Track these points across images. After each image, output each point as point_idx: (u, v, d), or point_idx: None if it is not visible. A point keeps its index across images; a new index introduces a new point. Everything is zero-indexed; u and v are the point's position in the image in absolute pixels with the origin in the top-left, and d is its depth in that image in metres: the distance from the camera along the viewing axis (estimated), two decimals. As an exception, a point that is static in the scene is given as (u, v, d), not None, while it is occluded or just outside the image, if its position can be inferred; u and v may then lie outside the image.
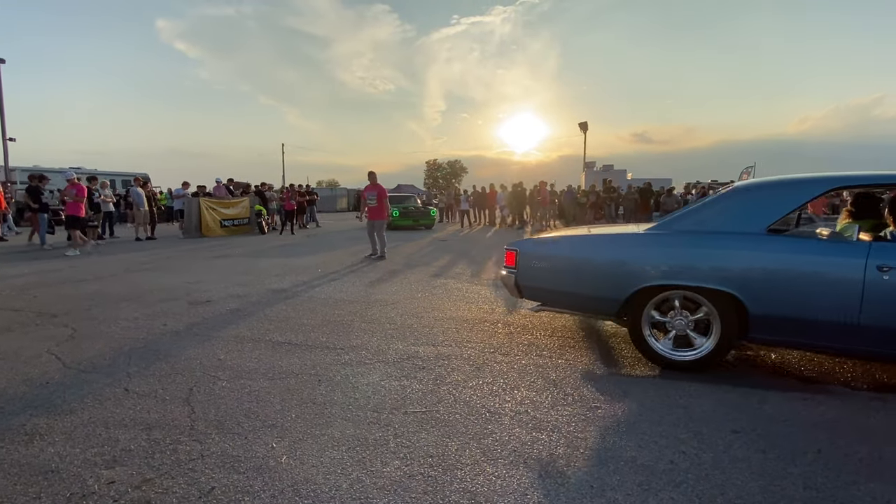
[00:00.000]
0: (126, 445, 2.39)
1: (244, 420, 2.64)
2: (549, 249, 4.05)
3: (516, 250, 4.03)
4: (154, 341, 4.05)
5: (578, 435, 2.50)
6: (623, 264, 3.56)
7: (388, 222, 9.72)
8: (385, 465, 2.21)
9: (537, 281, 3.95)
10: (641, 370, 3.44)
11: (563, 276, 3.84)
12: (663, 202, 17.07)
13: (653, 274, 3.40)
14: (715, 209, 3.55)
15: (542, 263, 3.93)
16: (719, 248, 3.30)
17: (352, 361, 3.57)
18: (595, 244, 3.92)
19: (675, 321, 3.43)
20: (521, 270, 3.98)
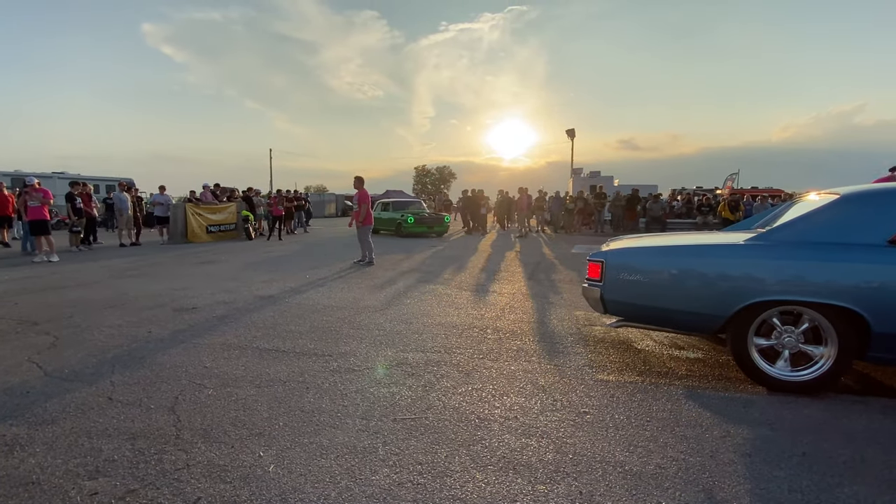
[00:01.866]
0: (110, 455, 2.34)
1: (231, 429, 2.61)
2: (643, 261, 3.65)
3: (602, 261, 3.71)
4: (138, 349, 3.99)
5: (567, 440, 2.51)
6: (729, 278, 3.25)
7: (371, 227, 9.56)
8: (374, 473, 2.19)
9: (627, 295, 3.60)
10: (628, 376, 3.46)
11: (659, 290, 3.49)
12: (650, 208, 17.26)
13: (763, 289, 3.13)
14: (822, 218, 3.23)
15: (633, 276, 3.57)
16: (840, 262, 3.02)
17: (340, 368, 3.55)
18: (696, 255, 3.52)
19: (784, 338, 3.19)
20: (607, 283, 3.65)
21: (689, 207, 19.10)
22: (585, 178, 26.45)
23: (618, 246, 4.00)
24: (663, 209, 17.57)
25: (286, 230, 18.76)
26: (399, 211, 17.33)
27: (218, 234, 14.83)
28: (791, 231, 3.28)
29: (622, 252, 3.80)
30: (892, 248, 2.97)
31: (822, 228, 3.18)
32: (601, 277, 3.70)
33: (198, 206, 14.66)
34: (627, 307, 3.66)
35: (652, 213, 16.97)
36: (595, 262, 3.77)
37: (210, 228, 14.64)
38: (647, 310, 3.56)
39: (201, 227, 14.36)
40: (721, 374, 3.50)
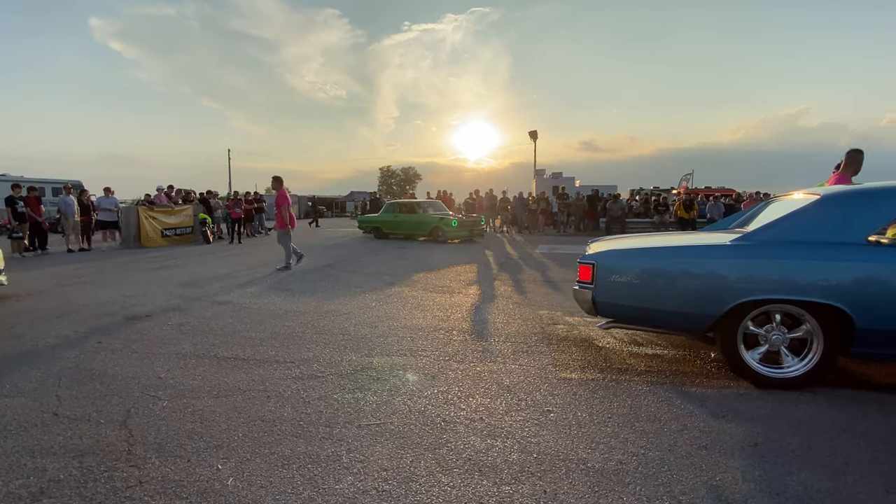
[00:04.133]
0: (55, 475, 2.21)
1: (187, 442, 2.51)
2: (633, 262, 3.66)
3: (593, 263, 3.68)
4: (87, 360, 3.79)
5: (532, 440, 2.54)
6: (719, 278, 3.32)
7: (288, 231, 9.00)
8: (338, 481, 2.15)
9: (618, 297, 3.61)
10: (590, 373, 3.53)
11: (651, 291, 3.52)
12: (609, 208, 17.73)
13: (752, 288, 3.20)
14: (804, 219, 3.33)
15: (624, 278, 3.58)
16: (823, 260, 3.11)
17: (303, 375, 3.47)
18: (686, 256, 3.57)
19: (772, 336, 3.28)
20: (599, 286, 3.64)
21: (647, 207, 19.70)
22: (548, 178, 26.91)
23: (606, 247, 3.97)
24: (622, 209, 18.06)
25: (246, 233, 18.28)
26: (433, 213, 15.48)
27: (174, 238, 14.30)
28: (775, 231, 3.38)
29: (613, 254, 3.79)
30: (871, 246, 3.10)
31: (805, 228, 3.29)
32: (592, 280, 3.68)
33: (152, 210, 14.10)
34: (619, 309, 3.68)
35: (611, 212, 17.43)
36: (586, 265, 3.73)
37: (165, 232, 14.09)
38: (639, 311, 3.60)
39: (156, 230, 13.81)
40: (678, 369, 3.62)
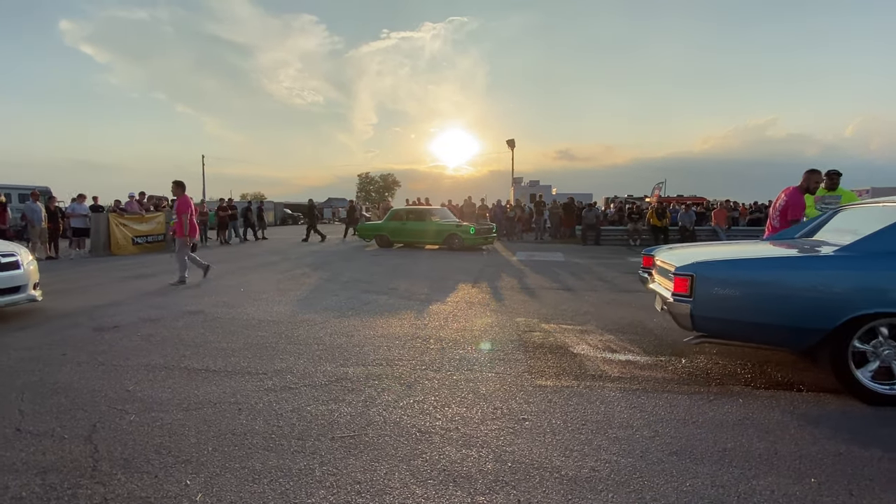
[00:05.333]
0: (17, 493, 2.13)
1: (154, 457, 2.45)
2: (738, 273, 3.43)
3: (692, 275, 3.41)
4: (52, 373, 3.66)
5: (506, 449, 2.55)
6: (834, 291, 3.17)
7: (187, 241, 8.21)
8: (310, 495, 2.12)
9: (720, 311, 3.37)
10: (565, 380, 3.57)
11: (756, 304, 3.32)
12: (584, 216, 17.97)
13: (868, 301, 3.07)
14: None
15: (727, 290, 3.35)
16: None
17: (275, 387, 3.42)
18: (796, 267, 3.40)
19: (883, 351, 3.13)
20: (698, 299, 3.38)
21: (621, 215, 20.07)
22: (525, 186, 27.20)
23: (696, 257, 3.69)
24: (597, 217, 18.34)
25: (220, 240, 17.97)
26: (448, 221, 15.13)
27: (145, 246, 13.96)
28: (880, 242, 3.26)
29: (714, 265, 3.54)
30: None
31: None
32: (690, 292, 3.41)
33: (122, 217, 13.76)
34: (719, 323, 3.45)
35: (587, 220, 17.68)
36: (683, 276, 3.45)
37: (136, 240, 13.76)
38: (741, 326, 3.40)
39: (126, 238, 13.47)
40: (650, 375, 3.68)
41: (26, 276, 5.63)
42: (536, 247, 16.27)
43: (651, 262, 4.58)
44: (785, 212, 5.29)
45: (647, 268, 4.65)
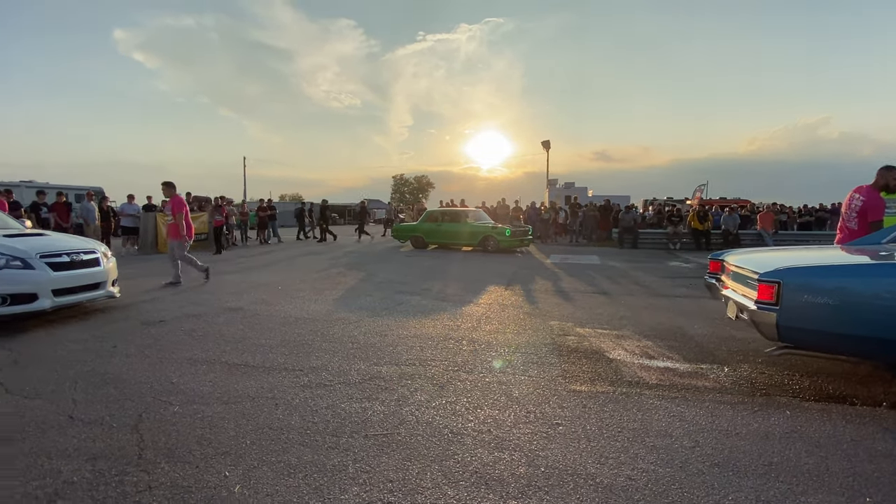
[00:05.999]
0: (69, 477, 2.24)
1: (196, 447, 2.53)
2: (831, 281, 3.17)
3: (779, 282, 3.21)
4: (103, 364, 3.85)
5: (540, 453, 2.51)
6: None
7: (183, 243, 8.10)
8: (343, 491, 2.15)
9: (810, 321, 3.15)
10: (600, 386, 3.49)
11: (852, 314, 3.09)
12: (622, 218, 17.59)
13: None
14: None
15: (819, 298, 3.11)
16: None
17: (311, 383, 3.48)
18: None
19: None
20: (785, 307, 3.18)
21: (660, 218, 19.53)
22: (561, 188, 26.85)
23: (781, 263, 3.48)
24: (635, 219, 17.92)
25: (259, 239, 18.50)
26: (483, 223, 14.94)
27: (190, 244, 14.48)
28: None
29: (803, 272, 3.31)
30: None
31: None
32: (777, 300, 3.21)
33: (168, 216, 14.31)
34: (807, 334, 3.24)
35: (624, 223, 17.29)
36: (768, 283, 3.26)
37: (181, 238, 14.28)
38: (832, 337, 3.18)
39: (172, 237, 14.00)
40: (690, 383, 3.56)
41: (106, 273, 5.84)
42: (571, 249, 16.03)
43: (719, 266, 4.36)
44: (864, 213, 4.87)
45: (714, 273, 4.43)
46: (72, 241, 6.05)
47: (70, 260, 5.43)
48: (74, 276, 5.41)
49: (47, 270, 5.14)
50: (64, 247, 5.55)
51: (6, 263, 4.88)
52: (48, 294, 5.09)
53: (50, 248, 5.39)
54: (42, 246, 5.35)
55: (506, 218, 19.05)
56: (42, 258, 5.17)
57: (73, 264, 5.45)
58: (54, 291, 5.15)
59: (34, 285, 5.01)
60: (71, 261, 5.43)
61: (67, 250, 5.49)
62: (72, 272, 5.40)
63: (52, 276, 5.15)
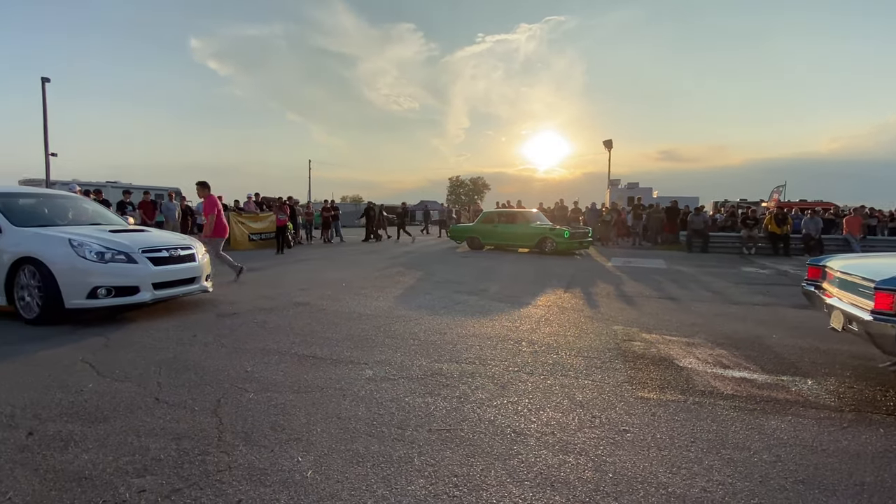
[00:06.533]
0: (156, 454, 2.42)
1: (270, 433, 2.67)
2: None
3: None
4: (183, 352, 4.13)
5: (607, 459, 2.44)
6: None
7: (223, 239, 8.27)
8: (410, 483, 2.19)
9: None
10: (670, 394, 3.35)
11: None
12: (690, 221, 16.74)
13: None
14: None
15: None
16: None
17: (376, 377, 3.58)
18: None
19: None
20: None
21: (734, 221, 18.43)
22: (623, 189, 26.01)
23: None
24: (705, 222, 17.02)
25: (323, 239, 19.19)
26: (541, 225, 14.63)
27: (259, 242, 15.31)
28: None
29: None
30: None
31: None
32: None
33: (241, 215, 15.19)
34: None
35: (693, 225, 16.45)
36: (889, 293, 3.01)
37: (252, 237, 15.13)
38: None
39: (244, 234, 14.86)
40: (770, 395, 3.34)
41: (200, 269, 6.08)
42: (634, 253, 15.47)
43: (820, 273, 4.07)
44: None
45: (813, 280, 4.15)
46: (170, 237, 6.39)
47: (169, 255, 5.69)
48: (172, 270, 5.68)
49: (148, 265, 5.42)
50: (163, 242, 5.85)
51: (112, 257, 5.20)
52: (149, 287, 5.38)
53: (151, 243, 5.68)
54: (144, 241, 5.65)
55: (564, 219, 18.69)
56: (144, 253, 5.43)
57: (172, 259, 5.71)
58: (154, 285, 5.43)
59: (136, 278, 5.30)
60: (169, 256, 5.70)
61: (167, 246, 5.77)
62: (170, 267, 5.66)
63: (152, 269, 5.43)
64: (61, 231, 5.37)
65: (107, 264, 5.14)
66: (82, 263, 5.02)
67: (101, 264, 5.10)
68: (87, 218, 6.36)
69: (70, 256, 5.02)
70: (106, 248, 5.20)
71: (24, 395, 3.13)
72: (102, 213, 6.89)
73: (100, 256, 5.11)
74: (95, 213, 6.68)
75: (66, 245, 5.07)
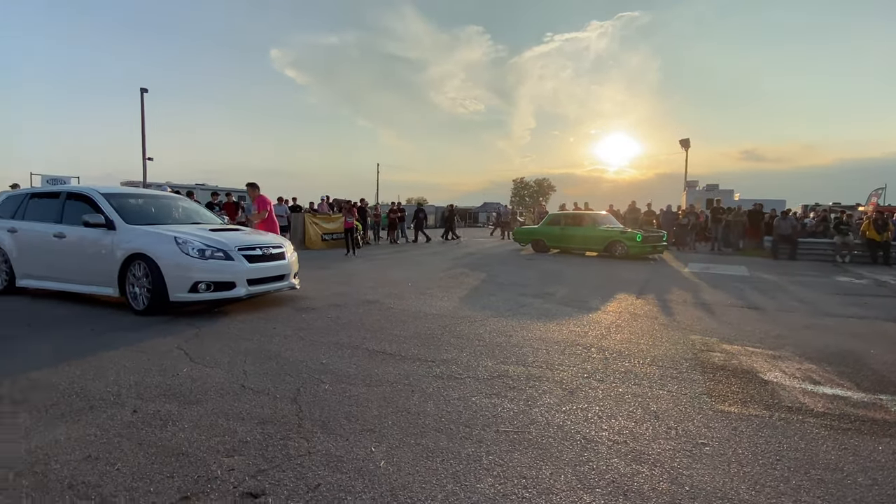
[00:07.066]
0: (243, 437, 2.62)
1: (345, 422, 2.79)
2: None
3: None
4: (266, 342, 4.41)
5: (683, 472, 2.35)
6: None
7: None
8: (479, 481, 2.22)
9: None
10: (754, 409, 3.15)
11: None
12: (777, 225, 15.54)
13: None
14: None
15: None
16: None
17: (443, 375, 3.64)
18: None
19: None
20: None
21: (825, 226, 16.91)
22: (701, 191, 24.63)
23: None
24: (793, 227, 15.75)
25: (390, 239, 19.70)
26: (610, 227, 14.13)
27: (331, 242, 15.99)
28: None
29: None
30: None
31: None
32: None
33: (315, 216, 15.93)
34: None
35: (780, 230, 15.27)
36: None
37: (324, 237, 15.83)
38: None
39: (317, 235, 15.59)
40: (867, 415, 3.06)
41: (290, 266, 6.39)
42: (713, 258, 14.60)
43: None
44: None
45: None
46: (263, 236, 6.75)
47: (262, 253, 6.02)
48: (265, 267, 6.01)
49: (244, 262, 5.76)
50: (257, 241, 6.20)
51: (211, 254, 5.58)
52: (244, 283, 5.73)
53: (246, 241, 6.04)
54: (239, 240, 6.02)
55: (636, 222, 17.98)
56: (240, 251, 5.79)
57: (264, 257, 6.04)
58: (248, 281, 5.77)
59: (233, 274, 5.66)
60: (262, 254, 6.02)
61: (260, 244, 6.11)
62: (263, 264, 5.99)
63: (247, 266, 5.77)
64: (167, 229, 5.83)
65: (207, 261, 5.51)
66: (186, 260, 5.42)
67: (202, 261, 5.48)
68: (188, 217, 6.86)
69: (175, 253, 5.44)
70: (206, 245, 5.58)
71: (128, 377, 3.48)
72: (202, 212, 7.41)
73: (201, 253, 5.50)
74: (196, 212, 7.21)
75: (172, 242, 5.50)
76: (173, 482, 2.18)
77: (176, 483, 2.17)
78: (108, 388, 3.26)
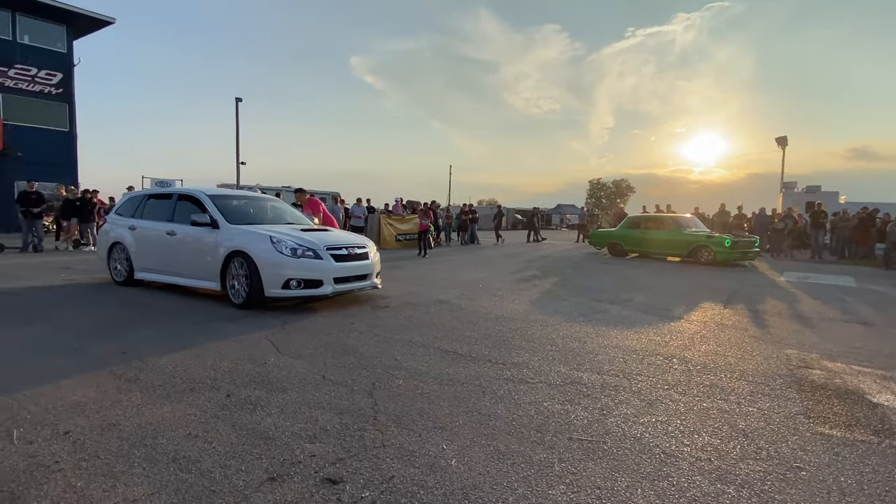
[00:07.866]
0: (324, 425, 2.76)
1: (417, 418, 2.86)
2: None
3: None
4: (343, 337, 4.62)
5: (775, 496, 2.17)
6: None
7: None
8: (550, 487, 2.19)
9: None
10: (859, 433, 2.85)
11: None
12: (890, 231, 13.87)
13: None
14: None
15: None
16: None
17: (514, 378, 3.62)
18: None
19: None
20: None
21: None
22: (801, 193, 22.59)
23: None
24: (912, 234, 13.96)
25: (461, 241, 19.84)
26: (695, 231, 13.39)
27: (404, 243, 16.40)
28: None
29: None
30: None
31: None
32: None
33: (390, 217, 16.43)
34: None
35: (894, 237, 13.63)
36: None
37: (398, 237, 16.27)
38: None
39: (391, 235, 16.07)
40: None
41: (372, 266, 6.58)
42: (813, 267, 13.32)
43: None
44: None
45: None
46: (349, 236, 7.07)
47: (347, 253, 6.28)
48: (350, 267, 6.27)
49: (331, 261, 6.03)
50: (344, 241, 6.49)
51: (302, 253, 5.89)
52: (331, 281, 6.00)
53: (333, 241, 6.33)
54: (328, 240, 6.32)
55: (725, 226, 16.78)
56: (328, 250, 6.07)
57: (350, 257, 6.30)
58: (335, 279, 6.05)
59: (321, 273, 5.94)
60: (348, 253, 6.29)
61: (346, 244, 6.39)
62: (348, 264, 6.24)
63: (334, 265, 6.04)
64: (264, 229, 6.24)
65: (298, 259, 5.83)
66: (279, 258, 5.78)
67: (294, 259, 5.81)
68: (280, 217, 7.29)
69: (270, 251, 5.81)
70: (298, 244, 5.91)
71: (223, 364, 3.78)
72: (294, 213, 7.83)
73: (293, 252, 5.83)
74: (287, 212, 7.65)
75: (268, 241, 5.89)
76: (261, 463, 2.34)
77: (263, 464, 2.33)
78: (206, 373, 3.56)
